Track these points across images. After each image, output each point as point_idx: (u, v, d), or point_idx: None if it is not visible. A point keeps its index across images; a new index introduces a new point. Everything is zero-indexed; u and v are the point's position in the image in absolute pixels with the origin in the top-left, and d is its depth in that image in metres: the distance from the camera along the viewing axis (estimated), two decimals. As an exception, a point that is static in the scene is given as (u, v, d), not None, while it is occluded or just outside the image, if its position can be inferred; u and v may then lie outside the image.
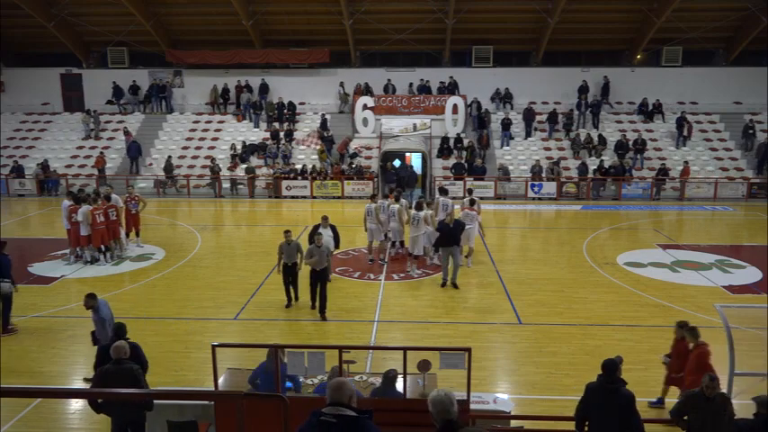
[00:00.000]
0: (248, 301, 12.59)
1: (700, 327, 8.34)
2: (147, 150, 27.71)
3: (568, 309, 12.21)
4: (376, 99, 27.96)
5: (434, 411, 4.05)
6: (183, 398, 6.94)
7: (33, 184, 25.89)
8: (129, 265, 15.36)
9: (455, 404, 4.02)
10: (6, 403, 7.95)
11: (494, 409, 7.18)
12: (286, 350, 7.56)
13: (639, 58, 30.05)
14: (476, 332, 11.06)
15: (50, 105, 30.73)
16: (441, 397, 4.03)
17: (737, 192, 24.79)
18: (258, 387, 7.06)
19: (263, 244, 17.71)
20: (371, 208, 15.32)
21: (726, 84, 28.69)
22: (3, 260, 11.19)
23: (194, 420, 6.66)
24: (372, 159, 26.67)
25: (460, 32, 28.05)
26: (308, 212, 22.95)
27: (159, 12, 28.51)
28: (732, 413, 6.13)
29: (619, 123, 28.32)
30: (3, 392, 4.34)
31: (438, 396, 4.05)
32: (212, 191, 25.57)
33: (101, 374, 6.65)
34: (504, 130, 27.36)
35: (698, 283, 13.87)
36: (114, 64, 30.62)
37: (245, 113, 29.24)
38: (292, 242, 11.90)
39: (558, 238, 18.98)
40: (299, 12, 28.28)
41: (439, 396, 4.05)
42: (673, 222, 21.60)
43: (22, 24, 28.58)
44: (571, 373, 9.35)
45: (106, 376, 6.52)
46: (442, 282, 13.34)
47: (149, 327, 11.15)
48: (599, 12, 27.90)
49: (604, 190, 24.91)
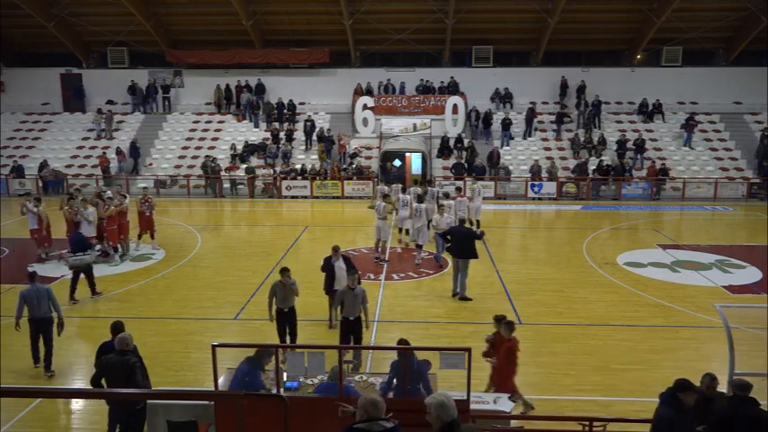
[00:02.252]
0: (248, 301, 12.59)
1: (700, 327, 8.34)
2: (147, 150, 27.72)
3: (568, 309, 12.21)
4: (376, 99, 27.97)
5: (435, 414, 4.21)
6: (183, 398, 6.93)
7: (33, 183, 25.91)
8: (129, 265, 15.35)
9: (455, 406, 4.24)
10: (6, 403, 7.94)
11: (494, 409, 7.18)
12: (282, 350, 7.57)
13: (639, 58, 30.05)
14: (476, 332, 11.05)
15: (50, 105, 30.74)
16: (442, 399, 4.23)
17: (737, 192, 24.80)
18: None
19: (263, 244, 17.73)
20: (380, 207, 15.57)
21: (726, 84, 28.70)
22: (73, 238, 12.70)
23: (194, 420, 6.65)
24: (372, 159, 26.67)
25: (460, 32, 28.05)
26: (308, 212, 22.96)
27: (159, 12, 28.51)
28: None
29: (619, 123, 28.33)
30: (3, 392, 4.34)
31: (439, 399, 4.24)
32: (211, 191, 25.55)
33: (102, 362, 6.95)
34: (504, 130, 27.36)
35: (698, 283, 13.87)
36: (114, 64, 30.64)
37: (245, 113, 29.25)
38: (289, 282, 9.61)
39: (558, 238, 18.99)
40: (299, 12, 28.28)
41: (440, 399, 4.24)
42: (673, 222, 21.60)
43: (22, 24, 28.59)
44: (571, 373, 9.35)
45: (107, 365, 6.84)
46: (453, 293, 12.86)
47: (149, 327, 11.15)
48: (599, 12, 27.90)
49: (606, 190, 24.92)
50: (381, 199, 16.15)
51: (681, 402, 5.49)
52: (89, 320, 11.55)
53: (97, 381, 6.96)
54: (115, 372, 6.73)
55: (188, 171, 26.45)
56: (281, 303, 9.59)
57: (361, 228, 19.58)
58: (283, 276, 9.58)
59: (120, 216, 15.72)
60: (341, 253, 10.99)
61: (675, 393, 5.54)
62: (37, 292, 9.37)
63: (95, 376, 6.97)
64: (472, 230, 13.40)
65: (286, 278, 9.55)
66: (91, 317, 11.67)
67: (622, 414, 7.90)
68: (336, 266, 10.71)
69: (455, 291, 12.77)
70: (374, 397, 4.45)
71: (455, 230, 12.93)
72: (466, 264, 12.56)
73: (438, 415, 4.22)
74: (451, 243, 12.75)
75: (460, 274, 12.62)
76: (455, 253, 12.69)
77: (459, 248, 12.56)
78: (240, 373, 7.07)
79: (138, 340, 7.57)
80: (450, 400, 4.27)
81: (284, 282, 9.52)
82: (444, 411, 4.22)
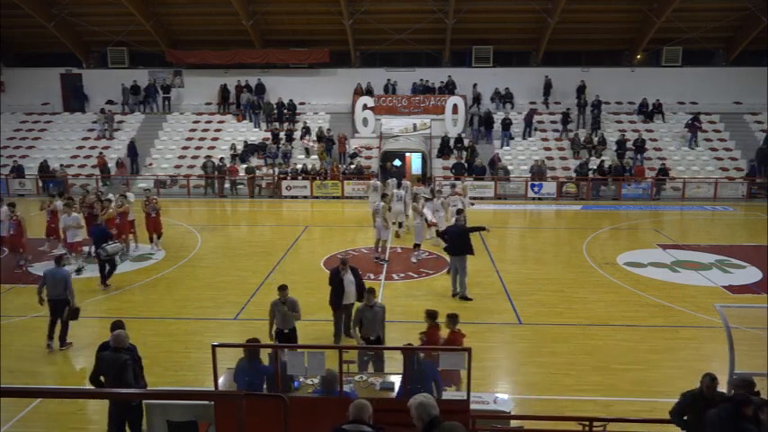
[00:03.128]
0: (248, 301, 12.59)
1: (700, 327, 8.34)
2: (147, 150, 27.72)
3: (568, 309, 12.21)
4: (376, 99, 27.97)
5: (416, 414, 4.35)
6: (183, 398, 6.94)
7: (33, 183, 25.91)
8: (129, 265, 15.34)
9: (435, 404, 4.39)
10: (6, 403, 7.94)
11: (494, 409, 7.18)
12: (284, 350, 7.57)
13: (639, 58, 30.06)
14: (476, 332, 11.05)
15: (50, 105, 30.74)
16: (421, 399, 4.40)
17: (737, 192, 24.80)
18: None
19: (263, 244, 17.73)
20: (380, 206, 15.66)
21: (726, 84, 28.70)
22: (93, 231, 13.35)
23: (194, 420, 6.66)
24: (372, 159, 26.67)
25: (460, 32, 28.05)
26: (308, 212, 22.96)
27: (159, 12, 28.52)
28: None
29: (619, 123, 28.33)
30: (3, 392, 4.34)
31: (418, 399, 4.41)
32: (211, 190, 25.53)
33: (98, 358, 7.08)
34: (504, 130, 27.36)
35: (698, 283, 13.87)
36: (114, 64, 30.63)
37: (245, 113, 29.25)
38: (288, 300, 9.01)
39: (558, 238, 18.98)
40: (299, 12, 28.28)
41: (419, 399, 4.41)
42: (673, 222, 21.59)
43: (22, 24, 28.59)
44: (571, 373, 9.35)
45: (101, 361, 6.99)
46: (453, 293, 12.77)
47: (149, 327, 11.15)
48: (599, 12, 27.90)
49: (606, 190, 24.92)
50: (380, 197, 16.26)
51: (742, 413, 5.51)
52: (89, 320, 11.54)
53: (95, 377, 7.05)
54: (108, 368, 6.85)
55: (188, 171, 26.45)
56: (280, 324, 9.05)
57: (361, 228, 19.58)
58: (281, 294, 8.99)
59: (121, 216, 15.70)
60: (349, 265, 10.27)
61: (739, 408, 5.50)
62: (55, 274, 10.10)
63: (93, 372, 7.08)
64: (466, 226, 13.41)
65: (283, 295, 8.96)
66: (91, 317, 11.67)
67: (622, 414, 7.90)
68: (345, 280, 10.05)
69: (455, 291, 12.76)
70: (361, 400, 4.71)
71: (450, 229, 13.14)
72: (463, 261, 12.55)
73: (419, 414, 4.32)
74: (447, 242, 12.90)
75: (459, 273, 12.63)
76: (451, 251, 12.77)
77: (454, 246, 12.64)
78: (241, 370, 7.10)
79: (138, 340, 7.59)
80: (429, 399, 4.39)
81: (283, 298, 8.94)
82: (424, 410, 4.32)
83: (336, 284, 10.11)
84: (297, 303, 9.09)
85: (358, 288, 10.10)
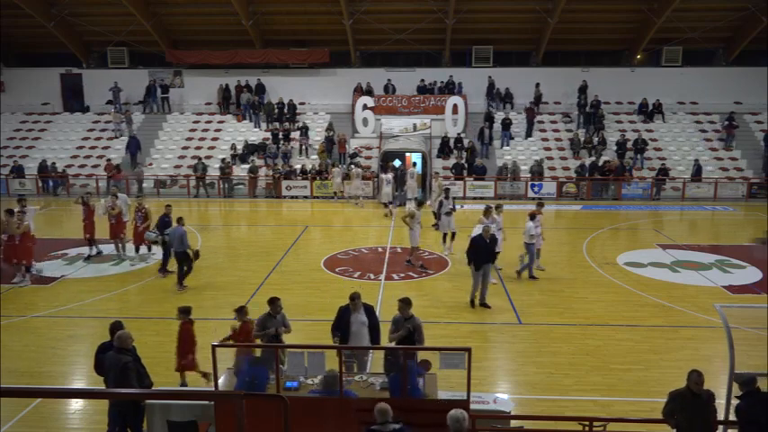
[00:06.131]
0: (248, 302, 12.55)
1: (700, 327, 8.33)
2: (147, 150, 27.71)
3: (568, 309, 12.21)
4: (376, 99, 27.96)
5: (451, 425, 5.48)
6: (183, 398, 6.94)
7: (33, 183, 25.91)
8: (129, 264, 15.35)
9: (467, 420, 5.60)
10: (6, 403, 7.95)
11: (494, 409, 7.17)
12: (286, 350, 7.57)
13: (639, 58, 30.06)
14: (476, 332, 11.06)
15: (50, 105, 30.73)
16: (458, 415, 5.55)
17: (737, 192, 24.79)
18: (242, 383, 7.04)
19: (263, 244, 17.72)
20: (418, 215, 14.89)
21: (726, 84, 28.68)
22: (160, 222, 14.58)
23: (194, 420, 6.65)
24: (372, 159, 26.66)
25: (460, 32, 28.05)
26: (308, 212, 22.96)
27: (159, 12, 28.51)
28: (715, 409, 6.20)
29: (619, 123, 28.33)
30: (3, 392, 4.33)
31: (456, 414, 5.56)
32: (207, 190, 25.50)
33: (100, 358, 7.19)
34: (504, 130, 27.35)
35: (698, 283, 13.87)
36: (114, 64, 30.62)
37: (245, 113, 29.24)
38: (279, 314, 8.14)
39: (558, 238, 18.97)
40: (299, 12, 28.28)
41: (457, 414, 5.56)
42: (673, 222, 21.59)
43: (22, 24, 28.57)
44: (571, 373, 9.35)
45: (104, 361, 7.03)
46: (470, 301, 12.30)
47: (149, 327, 11.15)
48: (599, 12, 27.90)
49: (607, 191, 24.91)
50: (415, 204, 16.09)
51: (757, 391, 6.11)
52: (89, 320, 11.55)
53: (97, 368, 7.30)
54: (110, 369, 6.87)
55: (188, 171, 26.43)
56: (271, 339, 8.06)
57: (361, 228, 19.58)
58: (272, 307, 8.13)
59: (116, 217, 15.62)
60: (361, 302, 8.17)
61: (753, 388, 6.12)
62: (174, 231, 13.15)
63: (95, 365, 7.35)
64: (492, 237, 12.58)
65: (276, 307, 8.12)
66: (91, 317, 11.67)
67: (622, 414, 7.90)
68: (356, 321, 8.06)
69: (472, 299, 12.24)
70: (382, 404, 5.77)
71: (475, 241, 12.25)
72: (487, 269, 12.08)
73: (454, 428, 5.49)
74: (473, 251, 12.09)
75: (483, 280, 12.11)
76: (478, 260, 12.01)
77: (478, 257, 12.02)
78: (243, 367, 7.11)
79: (139, 340, 7.57)
80: (463, 415, 5.55)
81: (274, 311, 8.09)
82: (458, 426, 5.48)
83: (343, 328, 8.06)
84: (286, 317, 8.29)
85: (372, 331, 8.12)
